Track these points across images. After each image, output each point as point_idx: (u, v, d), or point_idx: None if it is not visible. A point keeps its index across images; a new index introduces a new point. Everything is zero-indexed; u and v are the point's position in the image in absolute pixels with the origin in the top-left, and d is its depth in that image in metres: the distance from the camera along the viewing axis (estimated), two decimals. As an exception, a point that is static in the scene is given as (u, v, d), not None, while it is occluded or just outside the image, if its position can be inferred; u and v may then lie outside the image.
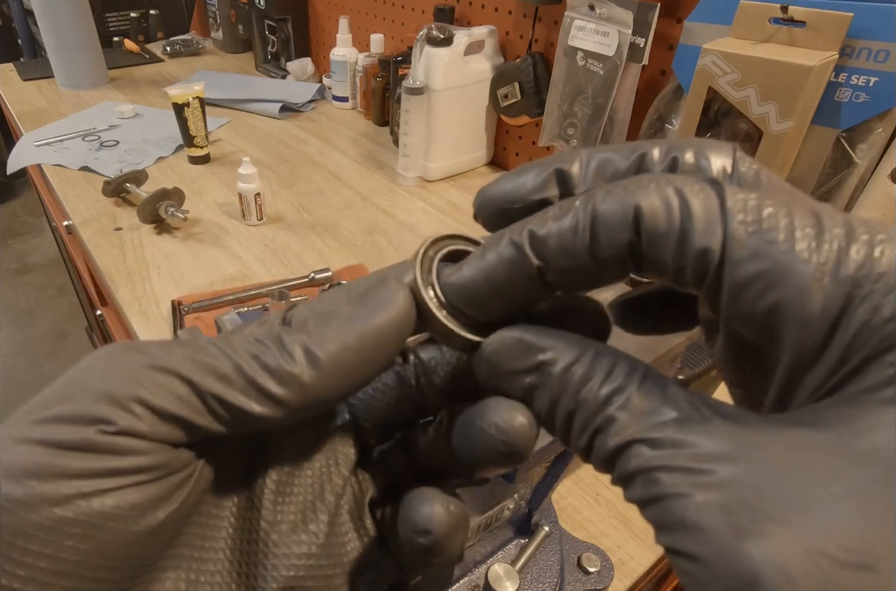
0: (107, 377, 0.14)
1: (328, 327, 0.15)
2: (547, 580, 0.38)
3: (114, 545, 0.13)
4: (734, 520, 0.11)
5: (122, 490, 0.13)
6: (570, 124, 0.85)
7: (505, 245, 0.14)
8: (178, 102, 0.97)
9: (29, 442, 0.13)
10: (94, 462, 0.13)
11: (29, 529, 0.12)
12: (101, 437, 0.13)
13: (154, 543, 0.14)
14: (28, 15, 2.09)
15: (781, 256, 0.12)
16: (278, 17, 1.40)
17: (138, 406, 0.13)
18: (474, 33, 0.91)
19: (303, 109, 1.29)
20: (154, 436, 0.13)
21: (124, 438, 0.13)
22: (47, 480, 0.12)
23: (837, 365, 0.12)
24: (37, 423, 0.13)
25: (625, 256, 0.13)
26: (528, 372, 0.14)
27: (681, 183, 0.13)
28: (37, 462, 0.13)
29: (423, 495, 0.15)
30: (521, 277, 0.14)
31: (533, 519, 0.39)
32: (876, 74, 0.56)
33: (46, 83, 1.39)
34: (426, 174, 1.00)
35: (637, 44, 0.73)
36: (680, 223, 0.13)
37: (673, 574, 0.65)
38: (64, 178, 0.98)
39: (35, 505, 0.12)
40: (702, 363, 0.52)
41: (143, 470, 0.13)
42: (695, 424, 0.12)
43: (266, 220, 0.88)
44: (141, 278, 0.74)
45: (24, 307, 2.20)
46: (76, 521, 0.12)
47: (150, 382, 0.14)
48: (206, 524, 0.16)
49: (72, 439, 0.13)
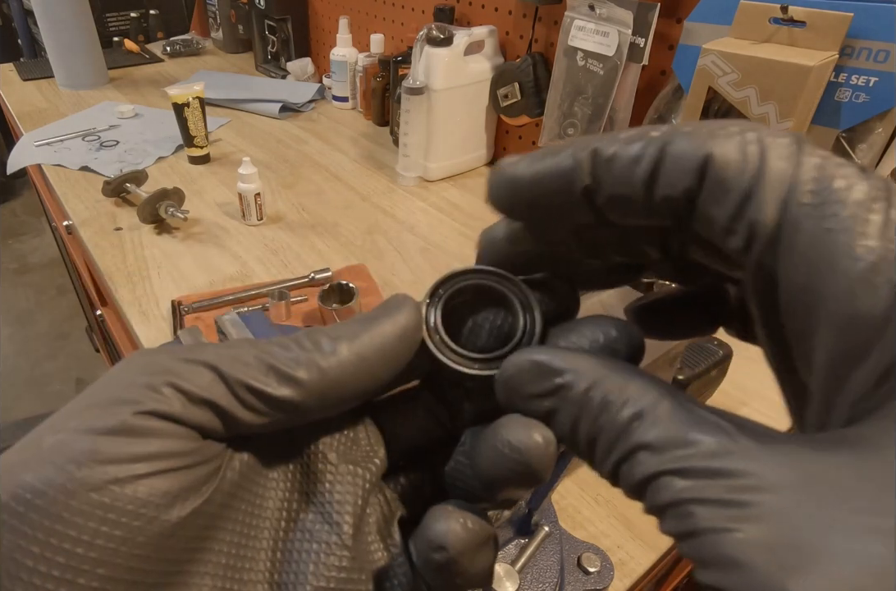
0: (140, 371, 0.15)
1: (345, 326, 0.16)
2: (547, 580, 0.38)
3: (146, 534, 0.13)
4: (778, 557, 0.10)
5: (154, 477, 0.13)
6: (570, 124, 0.85)
7: (565, 156, 0.14)
8: (178, 101, 0.97)
9: (68, 430, 0.13)
10: (127, 446, 0.13)
11: (68, 514, 0.12)
12: (135, 419, 0.14)
13: (184, 537, 0.14)
14: (28, 15, 2.09)
15: (834, 249, 0.11)
16: (278, 17, 1.40)
17: (169, 389, 0.14)
18: (474, 33, 0.91)
19: (303, 109, 1.29)
20: (184, 419, 0.14)
21: (157, 420, 0.14)
22: (85, 465, 0.13)
23: (884, 375, 0.11)
24: (75, 413, 0.14)
25: (679, 202, 0.13)
26: (546, 396, 0.14)
27: (765, 134, 0.12)
28: (75, 448, 0.13)
29: (439, 510, 0.15)
30: (568, 191, 0.14)
31: (533, 519, 0.39)
32: (876, 74, 0.56)
33: (46, 83, 1.39)
34: (426, 174, 1.00)
35: (637, 44, 0.73)
36: (748, 182, 0.12)
37: (673, 574, 0.65)
38: (64, 178, 0.98)
39: (74, 491, 0.12)
40: (702, 363, 0.52)
41: (173, 455, 0.14)
42: (727, 450, 0.11)
43: (266, 220, 0.88)
44: (141, 278, 0.74)
45: (24, 307, 2.20)
46: (112, 507, 0.13)
47: (181, 369, 0.15)
48: (238, 531, 0.16)
49: (107, 424, 0.13)
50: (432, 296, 0.17)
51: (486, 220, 0.78)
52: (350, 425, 0.18)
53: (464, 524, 0.14)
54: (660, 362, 0.40)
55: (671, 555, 0.49)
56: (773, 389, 0.15)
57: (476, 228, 0.90)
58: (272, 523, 0.16)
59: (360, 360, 0.16)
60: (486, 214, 1.03)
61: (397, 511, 0.18)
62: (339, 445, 0.18)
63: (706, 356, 0.53)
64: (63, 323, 2.12)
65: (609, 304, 0.43)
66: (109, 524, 0.13)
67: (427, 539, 0.14)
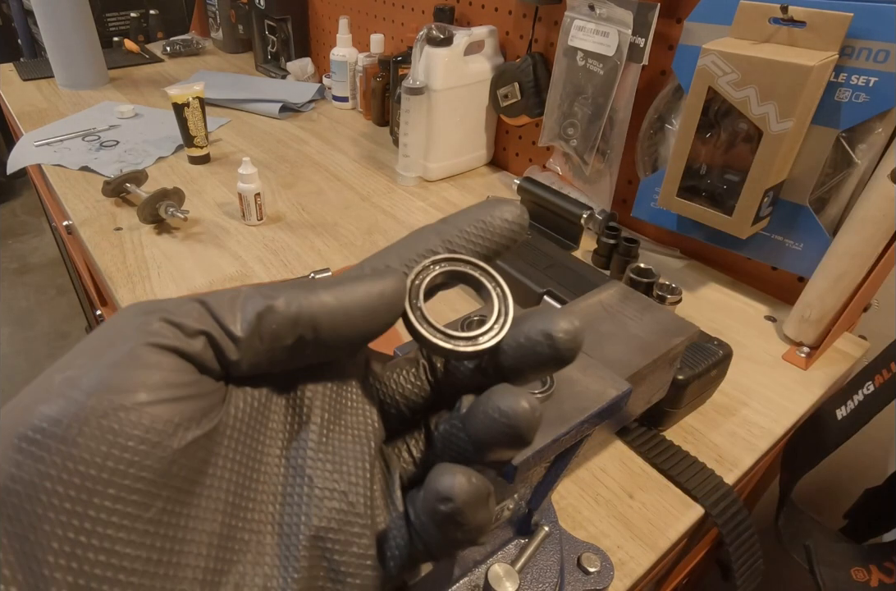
0: (135, 312, 0.16)
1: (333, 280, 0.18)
2: (547, 580, 0.38)
3: (152, 458, 0.14)
4: None
5: (156, 406, 0.15)
6: (570, 124, 0.85)
7: None
8: (178, 101, 0.97)
9: (75, 367, 0.15)
10: (131, 377, 0.15)
11: (82, 439, 0.14)
12: (137, 351, 0.15)
13: (186, 466, 0.15)
14: (28, 15, 2.09)
15: None
16: (278, 17, 1.40)
17: (163, 323, 0.16)
18: (474, 33, 0.91)
19: (303, 109, 1.29)
20: (181, 349, 0.15)
21: (156, 352, 0.15)
22: (93, 395, 0.14)
23: None
24: (80, 354, 0.15)
25: None
26: None
27: None
28: (84, 381, 0.14)
29: (444, 466, 0.16)
30: None
31: (533, 519, 0.39)
32: (876, 74, 0.56)
33: (46, 83, 1.39)
34: (426, 174, 1.00)
35: (637, 44, 0.73)
36: None
37: (673, 574, 0.65)
38: (64, 178, 0.98)
39: (86, 418, 0.14)
40: (702, 363, 0.52)
41: (173, 386, 0.15)
42: None
43: (266, 220, 0.88)
44: (141, 278, 0.74)
45: (24, 307, 2.20)
46: (120, 432, 0.14)
47: (172, 307, 0.16)
48: (240, 471, 0.17)
49: (111, 359, 0.15)
50: (415, 279, 0.18)
51: (486, 220, 0.76)
52: (345, 385, 0.19)
53: (468, 478, 0.16)
54: (660, 362, 0.40)
55: (671, 555, 0.49)
56: (773, 389, 0.15)
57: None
58: (273, 468, 0.17)
59: (340, 305, 0.17)
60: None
61: (396, 470, 0.19)
62: (335, 402, 0.19)
63: (706, 356, 0.53)
64: (63, 323, 2.12)
65: (609, 304, 0.43)
66: (118, 448, 0.14)
67: (435, 491, 0.16)
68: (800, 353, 0.65)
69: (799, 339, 0.66)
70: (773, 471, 0.72)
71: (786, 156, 0.60)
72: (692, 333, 0.42)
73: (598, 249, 0.78)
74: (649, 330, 0.41)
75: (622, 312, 0.42)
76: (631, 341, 0.40)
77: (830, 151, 0.61)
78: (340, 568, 0.17)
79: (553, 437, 0.30)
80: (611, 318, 0.41)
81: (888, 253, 0.57)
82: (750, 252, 0.71)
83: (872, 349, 0.67)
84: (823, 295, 0.62)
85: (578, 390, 0.32)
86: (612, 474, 0.51)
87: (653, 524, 0.47)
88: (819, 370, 0.64)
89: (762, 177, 0.60)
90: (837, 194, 0.64)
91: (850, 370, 0.66)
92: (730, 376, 0.60)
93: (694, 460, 0.52)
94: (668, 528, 0.47)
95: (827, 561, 0.58)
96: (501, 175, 1.05)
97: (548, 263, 0.65)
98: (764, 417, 0.58)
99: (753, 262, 0.74)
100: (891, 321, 0.68)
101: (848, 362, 0.65)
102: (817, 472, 0.61)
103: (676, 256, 0.81)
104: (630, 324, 0.41)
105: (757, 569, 0.53)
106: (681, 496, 0.50)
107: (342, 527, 0.17)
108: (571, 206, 0.80)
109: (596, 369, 0.34)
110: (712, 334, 0.59)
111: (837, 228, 0.62)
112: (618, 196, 0.87)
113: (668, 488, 0.50)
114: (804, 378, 0.63)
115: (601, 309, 0.42)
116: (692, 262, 0.81)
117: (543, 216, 0.85)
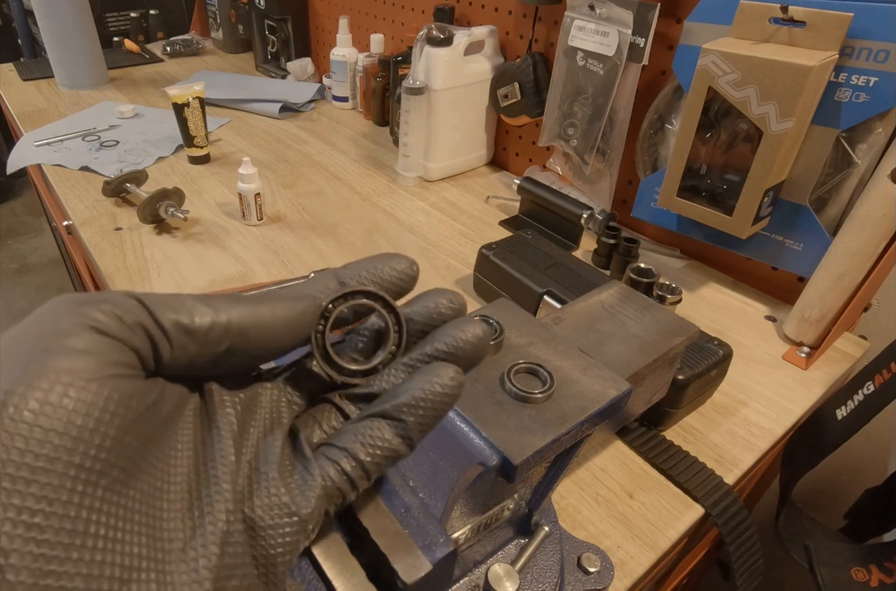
0: (72, 300, 0.17)
1: (249, 296, 0.20)
2: (547, 580, 0.38)
3: (104, 426, 0.15)
4: None
5: (105, 381, 0.15)
6: (570, 124, 0.85)
7: None
8: (178, 101, 0.97)
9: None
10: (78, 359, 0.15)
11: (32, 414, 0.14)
12: (84, 333, 0.15)
13: (139, 434, 0.16)
14: (28, 15, 2.09)
15: None
16: (278, 17, 1.40)
17: (103, 313, 0.16)
18: (474, 33, 0.91)
19: (303, 109, 1.29)
20: (123, 338, 0.16)
21: (99, 335, 0.16)
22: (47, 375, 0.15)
23: None
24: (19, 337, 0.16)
25: None
26: None
27: None
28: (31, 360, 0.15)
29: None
30: None
31: (533, 519, 0.39)
32: (876, 74, 0.56)
33: (46, 83, 1.39)
34: (426, 174, 1.00)
35: (637, 44, 0.73)
36: None
37: (673, 574, 0.65)
38: (64, 178, 0.98)
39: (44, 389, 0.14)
40: (702, 363, 0.52)
41: (120, 364, 0.16)
42: None
43: (266, 220, 0.88)
44: (141, 279, 0.74)
45: (24, 307, 2.20)
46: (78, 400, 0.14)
47: (110, 297, 0.17)
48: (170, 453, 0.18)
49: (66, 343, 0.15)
50: (328, 305, 0.21)
51: (486, 220, 0.79)
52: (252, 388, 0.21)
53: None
54: (660, 361, 0.40)
55: (671, 555, 0.49)
56: (773, 389, 0.15)
57: (476, 228, 0.90)
58: (188, 453, 0.18)
59: (271, 319, 0.19)
60: (485, 214, 1.03)
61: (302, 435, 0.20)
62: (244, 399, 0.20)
63: (706, 356, 0.53)
64: (63, 323, 2.12)
65: (609, 304, 0.43)
66: (74, 415, 0.14)
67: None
68: (800, 353, 0.65)
69: (799, 339, 0.66)
70: (773, 471, 0.72)
71: (786, 156, 0.60)
72: (692, 333, 0.42)
73: (598, 249, 0.78)
74: (649, 330, 0.41)
75: (622, 312, 0.42)
76: (631, 341, 0.40)
77: (830, 150, 0.61)
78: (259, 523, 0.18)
79: (553, 437, 0.30)
80: (611, 318, 0.41)
81: (888, 253, 0.57)
82: (750, 252, 0.71)
83: (872, 349, 0.67)
84: (824, 295, 0.62)
85: (578, 390, 0.32)
86: (612, 474, 0.51)
87: (653, 524, 0.47)
88: (819, 370, 0.64)
89: (762, 177, 0.60)
90: (837, 194, 0.64)
91: (850, 370, 0.66)
92: (730, 376, 0.60)
93: (694, 460, 0.52)
94: (668, 528, 0.47)
95: (827, 561, 0.58)
96: (501, 175, 1.05)
97: (548, 263, 0.65)
98: (764, 417, 0.58)
99: (753, 262, 0.74)
100: (891, 321, 0.68)
101: (848, 362, 0.65)
102: (817, 472, 0.61)
103: (676, 256, 0.81)
104: (630, 324, 0.41)
105: (757, 569, 0.53)
106: (681, 496, 0.50)
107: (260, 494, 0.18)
108: (571, 206, 0.80)
109: (596, 369, 0.34)
110: (712, 334, 0.59)
111: (837, 228, 0.62)
112: (618, 196, 0.87)
113: (668, 489, 0.50)
114: (804, 378, 0.63)
115: (601, 309, 0.42)
116: (692, 262, 0.81)
117: (543, 216, 0.85)
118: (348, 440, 0.19)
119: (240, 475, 0.18)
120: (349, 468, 0.19)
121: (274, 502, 0.18)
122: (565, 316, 0.41)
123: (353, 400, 0.21)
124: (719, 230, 0.67)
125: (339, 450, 0.19)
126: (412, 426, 0.19)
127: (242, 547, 0.17)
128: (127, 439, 0.15)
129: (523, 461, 0.28)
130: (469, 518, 0.34)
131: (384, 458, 0.19)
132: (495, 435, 0.29)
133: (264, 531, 0.17)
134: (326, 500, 0.19)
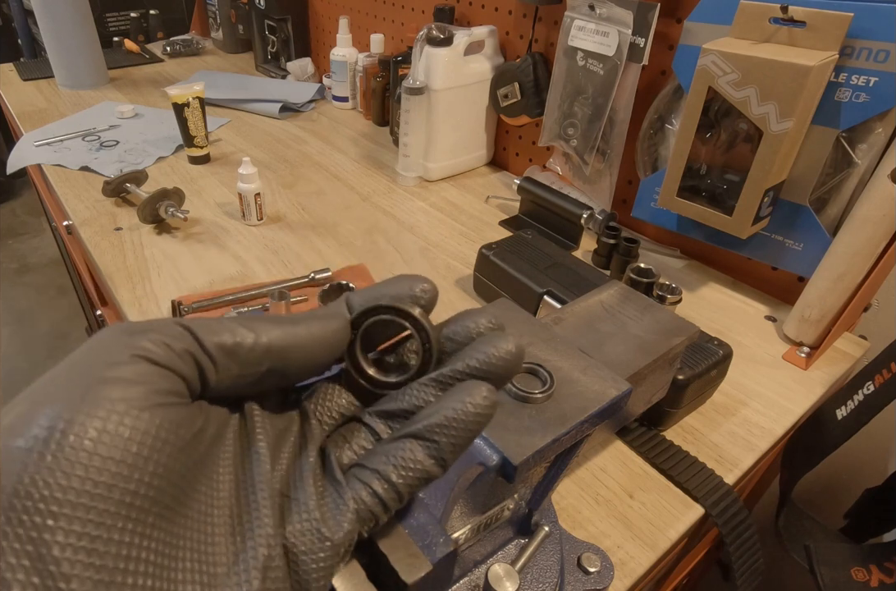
0: (122, 331, 0.17)
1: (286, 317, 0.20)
2: (547, 580, 0.38)
3: (157, 453, 0.15)
4: None
5: (156, 409, 0.16)
6: (570, 124, 0.85)
7: None
8: (178, 101, 0.97)
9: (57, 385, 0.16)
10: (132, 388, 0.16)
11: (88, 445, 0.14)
12: (136, 363, 0.16)
13: (187, 461, 0.16)
14: (28, 15, 2.09)
15: None
16: (278, 17, 1.40)
17: (152, 343, 0.17)
18: (474, 33, 0.91)
19: (303, 109, 1.29)
20: (171, 366, 0.17)
21: (149, 365, 0.16)
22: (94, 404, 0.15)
23: None
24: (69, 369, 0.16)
25: None
26: None
27: None
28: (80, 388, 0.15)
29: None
30: None
31: (533, 519, 0.39)
32: (876, 74, 0.56)
33: (46, 83, 1.39)
34: (426, 174, 1.00)
35: (637, 44, 0.73)
36: None
37: (673, 574, 0.65)
38: (64, 178, 0.98)
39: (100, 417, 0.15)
40: (702, 363, 0.52)
41: (169, 393, 0.16)
42: None
43: (266, 220, 0.88)
44: (141, 278, 0.74)
45: (24, 307, 2.20)
46: (133, 429, 0.15)
47: (159, 327, 0.17)
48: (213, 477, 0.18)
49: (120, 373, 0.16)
50: (355, 325, 0.21)
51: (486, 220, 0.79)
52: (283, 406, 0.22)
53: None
54: (660, 361, 0.40)
55: (671, 555, 0.49)
56: (773, 389, 0.15)
57: (476, 228, 0.90)
58: (229, 477, 0.18)
59: (309, 339, 0.20)
60: (485, 214, 1.03)
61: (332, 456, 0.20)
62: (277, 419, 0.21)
63: (706, 356, 0.53)
64: (63, 323, 2.12)
65: (609, 304, 0.43)
66: (129, 443, 0.15)
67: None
68: (800, 353, 0.65)
69: (799, 339, 0.66)
70: (773, 471, 0.72)
71: (786, 156, 0.60)
72: (692, 333, 0.42)
73: (598, 249, 0.78)
74: (649, 330, 0.41)
75: (622, 312, 0.42)
76: (631, 341, 0.40)
77: (830, 150, 0.61)
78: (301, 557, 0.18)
79: (553, 437, 0.30)
80: (611, 318, 0.41)
81: (888, 253, 0.57)
82: (750, 252, 0.71)
83: (872, 349, 0.67)
84: (824, 295, 0.62)
85: (578, 390, 0.32)
86: (612, 474, 0.51)
87: (653, 524, 0.47)
88: (819, 370, 0.64)
89: (762, 177, 0.60)
90: (837, 194, 0.64)
91: (850, 370, 0.66)
92: (730, 376, 0.60)
93: (694, 460, 0.52)
94: (668, 528, 0.47)
95: (827, 561, 0.58)
96: (501, 175, 1.05)
97: (548, 263, 0.65)
98: (764, 417, 0.58)
99: (753, 262, 0.74)
100: (891, 321, 0.68)
101: (848, 362, 0.65)
102: (817, 472, 0.61)
103: (676, 256, 0.81)
104: (630, 324, 0.41)
105: (757, 569, 0.53)
106: (681, 496, 0.50)
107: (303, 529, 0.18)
108: (571, 206, 0.80)
109: (596, 369, 0.34)
110: (712, 334, 0.59)
111: (837, 228, 0.62)
112: (618, 196, 0.87)
113: (668, 488, 0.50)
114: (804, 378, 0.63)
115: (601, 309, 0.42)
116: (692, 262, 0.81)
117: (543, 216, 0.85)
118: (380, 462, 0.19)
119: (278, 501, 0.18)
120: (381, 491, 0.18)
121: (307, 527, 0.18)
122: (565, 316, 0.41)
123: (382, 417, 0.21)
124: (719, 230, 0.67)
125: (370, 472, 0.19)
126: (445, 447, 0.19)
127: (282, 571, 0.17)
128: (177, 465, 0.16)
129: (523, 461, 0.28)
130: (469, 518, 0.34)
131: (417, 480, 0.19)
132: (495, 435, 0.29)
133: (298, 557, 0.17)
134: (359, 523, 0.18)
